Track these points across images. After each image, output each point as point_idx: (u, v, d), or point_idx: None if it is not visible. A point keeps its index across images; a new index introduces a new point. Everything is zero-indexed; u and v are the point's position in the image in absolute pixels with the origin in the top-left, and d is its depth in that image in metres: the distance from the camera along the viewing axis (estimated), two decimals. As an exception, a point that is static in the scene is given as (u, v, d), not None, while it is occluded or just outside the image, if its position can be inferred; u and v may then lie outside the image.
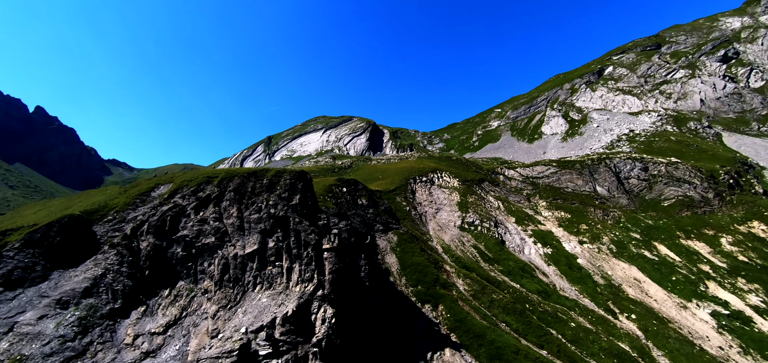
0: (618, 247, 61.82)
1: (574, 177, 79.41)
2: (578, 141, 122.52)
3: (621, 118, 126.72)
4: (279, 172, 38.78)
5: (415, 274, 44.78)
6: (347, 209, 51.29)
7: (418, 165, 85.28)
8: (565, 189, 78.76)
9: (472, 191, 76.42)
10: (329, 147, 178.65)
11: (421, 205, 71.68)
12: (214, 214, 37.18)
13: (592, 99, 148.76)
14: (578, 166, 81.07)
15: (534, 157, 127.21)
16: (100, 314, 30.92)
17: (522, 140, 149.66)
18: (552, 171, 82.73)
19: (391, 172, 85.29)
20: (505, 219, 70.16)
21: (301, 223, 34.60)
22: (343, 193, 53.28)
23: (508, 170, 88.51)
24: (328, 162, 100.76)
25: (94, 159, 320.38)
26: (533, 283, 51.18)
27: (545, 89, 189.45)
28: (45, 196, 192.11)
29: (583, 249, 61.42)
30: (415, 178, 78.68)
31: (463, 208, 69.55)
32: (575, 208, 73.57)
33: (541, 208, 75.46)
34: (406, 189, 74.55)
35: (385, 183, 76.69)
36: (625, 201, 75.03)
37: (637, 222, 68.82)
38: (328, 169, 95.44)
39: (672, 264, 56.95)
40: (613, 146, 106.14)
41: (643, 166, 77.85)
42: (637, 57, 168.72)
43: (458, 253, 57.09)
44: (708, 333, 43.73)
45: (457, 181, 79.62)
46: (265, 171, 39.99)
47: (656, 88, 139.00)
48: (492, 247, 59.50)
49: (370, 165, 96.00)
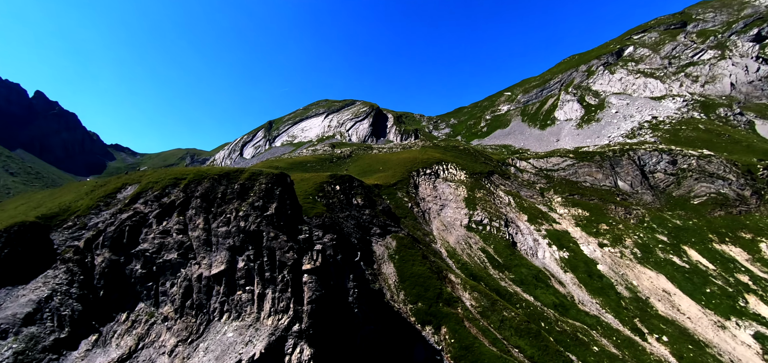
0: (643, 252, 55.57)
1: (593, 170, 72.43)
2: (595, 128, 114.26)
3: (642, 103, 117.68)
4: (254, 175, 33.07)
5: (415, 288, 39.37)
6: (340, 211, 45.70)
7: (421, 156, 78.93)
8: (583, 183, 71.97)
9: (480, 185, 70.15)
10: (331, 132, 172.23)
11: (425, 201, 65.82)
12: (179, 225, 31.80)
13: (610, 82, 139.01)
14: (598, 158, 73.89)
15: (546, 144, 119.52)
16: (43, 347, 25.88)
17: (533, 126, 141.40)
18: (568, 163, 75.72)
19: (392, 163, 79.17)
20: (517, 217, 64.07)
21: (277, 239, 29.05)
22: (335, 192, 47.59)
23: (520, 161, 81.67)
24: (327, 150, 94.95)
25: (97, 144, 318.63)
26: (549, 295, 45.54)
27: (559, 71, 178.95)
28: (47, 184, 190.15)
29: (603, 253, 55.31)
30: (419, 170, 72.53)
31: (471, 205, 63.54)
32: (594, 205, 67.00)
33: (556, 205, 69.06)
34: (409, 183, 68.58)
35: (386, 176, 70.77)
36: (650, 198, 68.15)
37: (664, 222, 62.19)
38: (325, 159, 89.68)
39: (705, 273, 50.68)
40: (634, 134, 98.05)
41: (670, 158, 70.45)
42: (660, 36, 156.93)
43: (464, 258, 51.50)
44: (752, 360, 37.92)
45: (463, 173, 73.28)
46: (240, 172, 34.32)
47: (681, 70, 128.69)
48: (502, 251, 53.73)
49: (371, 155, 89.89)
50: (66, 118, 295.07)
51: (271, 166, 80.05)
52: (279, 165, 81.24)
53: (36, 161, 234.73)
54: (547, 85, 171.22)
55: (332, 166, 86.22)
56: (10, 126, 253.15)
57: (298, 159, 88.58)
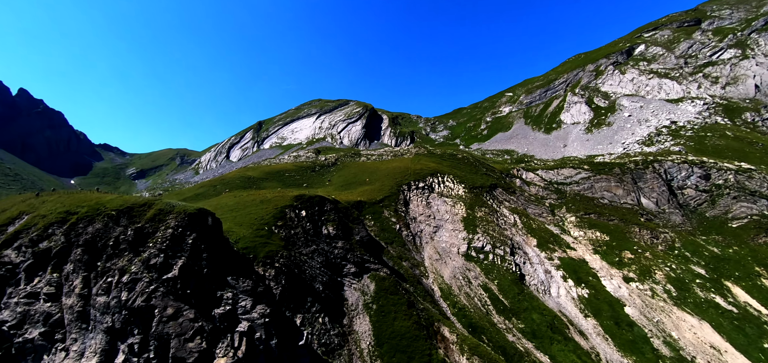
0: (678, 289, 45.90)
1: (612, 184, 62.74)
2: (606, 133, 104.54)
3: (658, 106, 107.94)
4: (162, 213, 23.25)
5: (397, 355, 29.64)
6: (305, 244, 35.91)
7: (414, 165, 69.14)
8: (600, 200, 62.28)
9: (481, 202, 60.41)
10: (321, 135, 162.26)
11: (416, 220, 56.09)
12: (51, 287, 22.08)
13: (621, 83, 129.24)
14: (617, 170, 64.17)
15: (553, 150, 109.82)
16: None
17: (537, 129, 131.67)
18: (583, 176, 66.00)
19: (381, 173, 69.39)
20: (525, 241, 54.36)
21: (177, 318, 19.29)
22: (300, 220, 37.81)
23: (527, 172, 71.91)
24: (310, 157, 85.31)
25: (84, 144, 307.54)
26: (568, 353, 35.88)
27: (564, 71, 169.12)
28: (25, 186, 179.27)
29: (630, 291, 45.64)
30: (410, 183, 62.77)
31: (470, 226, 53.82)
32: (614, 226, 57.31)
33: (569, 225, 59.38)
34: (398, 199, 58.83)
35: (372, 190, 61.00)
36: (679, 218, 58.49)
37: (699, 249, 52.55)
38: (307, 167, 79.82)
39: (758, 320, 41.04)
40: (651, 141, 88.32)
41: (702, 172, 60.78)
42: (673, 34, 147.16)
43: (462, 299, 41.79)
44: None
45: (462, 187, 63.51)
46: (146, 207, 24.44)
47: (699, 70, 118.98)
48: (508, 288, 44.02)
49: (358, 163, 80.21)
50: (51, 116, 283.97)
51: (242, 176, 70.26)
52: (251, 175, 71.37)
53: (16, 162, 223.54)
54: (551, 85, 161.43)
55: (314, 175, 76.41)
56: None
57: (276, 167, 78.74)
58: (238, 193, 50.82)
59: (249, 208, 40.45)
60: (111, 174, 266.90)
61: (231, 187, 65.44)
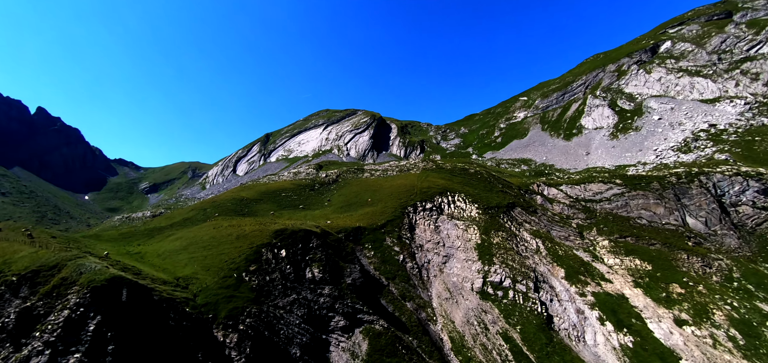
0: (746, 335, 37.27)
1: (651, 202, 54.24)
2: (634, 139, 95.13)
3: (691, 107, 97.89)
4: (65, 285, 17.32)
5: None
6: (283, 294, 29.65)
7: (421, 183, 62.36)
8: (637, 220, 53.81)
9: (497, 224, 53.00)
10: (328, 146, 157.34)
11: (423, 249, 49.17)
12: None
13: (646, 83, 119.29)
14: (656, 185, 55.61)
15: (574, 159, 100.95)
16: None
17: (556, 136, 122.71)
18: (615, 192, 57.65)
19: (384, 192, 62.88)
20: (550, 272, 46.61)
21: None
22: (278, 262, 31.64)
23: (549, 188, 63.99)
24: (311, 173, 79.68)
25: (99, 159, 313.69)
26: (616, 431, 28.13)
27: (582, 72, 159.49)
28: (39, 203, 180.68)
29: (686, 338, 37.30)
30: (416, 204, 55.99)
31: (485, 256, 46.50)
32: (656, 252, 48.84)
33: (601, 250, 51.20)
34: (402, 223, 52.10)
35: (373, 213, 54.53)
36: (735, 242, 49.52)
37: (763, 280, 43.60)
38: (306, 185, 74.11)
39: None
40: (688, 147, 78.79)
41: (760, 186, 51.69)
42: (702, 29, 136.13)
43: (477, 353, 34.55)
44: None
45: (475, 207, 56.27)
46: (55, 270, 18.67)
47: (735, 66, 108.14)
48: (534, 336, 36.49)
49: (360, 179, 73.98)
50: (67, 133, 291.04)
51: (235, 197, 65.03)
52: (245, 195, 66.10)
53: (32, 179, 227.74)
54: (568, 88, 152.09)
55: (312, 195, 70.58)
56: (9, 144, 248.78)
57: (273, 186, 73.35)
58: (219, 222, 45.26)
59: (223, 245, 34.60)
60: (124, 189, 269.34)
61: (221, 210, 60.23)
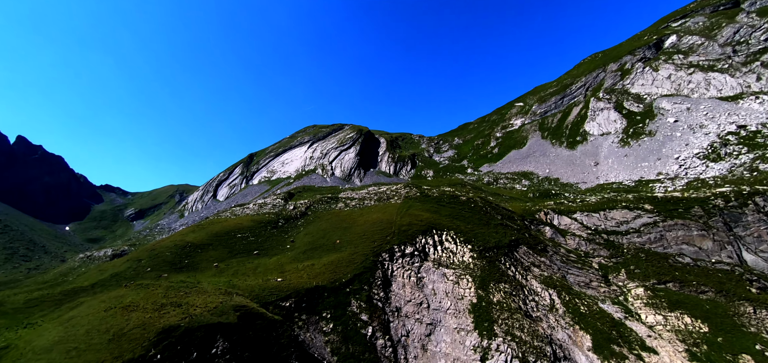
0: None
1: (694, 234, 42.39)
2: (649, 145, 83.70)
3: (710, 106, 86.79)
4: None
5: None
6: None
7: (401, 219, 50.44)
8: (678, 257, 41.80)
9: (498, 272, 40.99)
10: (312, 166, 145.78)
11: (401, 314, 37.01)
12: None
13: (655, 81, 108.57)
14: (698, 209, 43.76)
15: (582, 171, 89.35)
16: None
17: (558, 144, 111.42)
18: (645, 221, 45.70)
19: (356, 230, 50.93)
20: (572, 340, 34.48)
21: None
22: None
23: (560, 216, 52.06)
24: (278, 205, 67.65)
25: (84, 186, 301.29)
26: None
27: (581, 73, 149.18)
28: (12, 238, 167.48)
29: None
30: (394, 248, 43.95)
31: (483, 323, 34.39)
32: (709, 303, 36.78)
33: (634, 300, 39.10)
34: (374, 276, 39.98)
35: (339, 261, 42.43)
36: (812, 283, 37.49)
37: None
38: (268, 223, 62.14)
39: None
40: (718, 154, 67.25)
41: (836, 207, 40.07)
42: (709, 20, 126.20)
43: None
44: None
45: (468, 249, 44.29)
46: None
47: (754, 59, 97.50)
48: None
49: (333, 211, 62.21)
50: (50, 161, 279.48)
51: (179, 243, 52.87)
52: (192, 240, 54.03)
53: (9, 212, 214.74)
54: (567, 90, 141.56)
55: (274, 234, 58.62)
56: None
57: (229, 224, 61.36)
58: (123, 295, 33.12)
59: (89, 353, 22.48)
60: (108, 217, 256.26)
61: (155, 262, 48.23)
